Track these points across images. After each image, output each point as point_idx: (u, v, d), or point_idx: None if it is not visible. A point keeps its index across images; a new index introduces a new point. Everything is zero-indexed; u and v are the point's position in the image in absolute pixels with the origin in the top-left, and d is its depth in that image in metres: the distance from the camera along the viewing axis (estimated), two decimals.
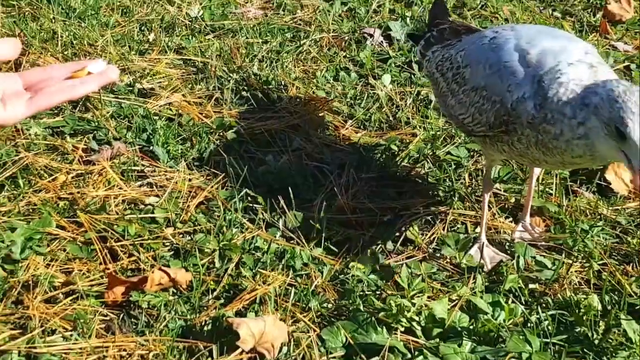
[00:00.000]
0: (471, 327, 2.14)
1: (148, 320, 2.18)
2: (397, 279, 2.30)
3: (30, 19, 3.60)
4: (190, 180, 2.69)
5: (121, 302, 2.22)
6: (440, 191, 2.71)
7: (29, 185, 2.59)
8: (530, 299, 2.27)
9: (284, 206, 2.55)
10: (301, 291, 2.27)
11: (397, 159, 2.85)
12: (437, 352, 2.06)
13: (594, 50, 2.18)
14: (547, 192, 2.71)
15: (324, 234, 2.47)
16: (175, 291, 2.26)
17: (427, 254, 2.46)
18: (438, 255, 2.45)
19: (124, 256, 2.37)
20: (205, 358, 2.06)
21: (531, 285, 2.31)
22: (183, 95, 3.15)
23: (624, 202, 2.69)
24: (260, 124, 3.02)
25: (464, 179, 2.75)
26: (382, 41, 3.65)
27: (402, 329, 2.13)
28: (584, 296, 2.22)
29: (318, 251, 2.42)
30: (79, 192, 2.58)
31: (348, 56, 3.52)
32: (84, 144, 2.82)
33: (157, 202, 2.57)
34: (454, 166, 2.80)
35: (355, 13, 3.89)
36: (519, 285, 2.29)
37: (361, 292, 2.27)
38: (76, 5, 3.73)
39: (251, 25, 3.68)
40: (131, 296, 2.21)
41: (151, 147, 2.83)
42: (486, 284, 2.32)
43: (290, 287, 2.28)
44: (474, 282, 2.31)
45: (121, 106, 3.02)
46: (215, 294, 2.26)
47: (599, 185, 2.75)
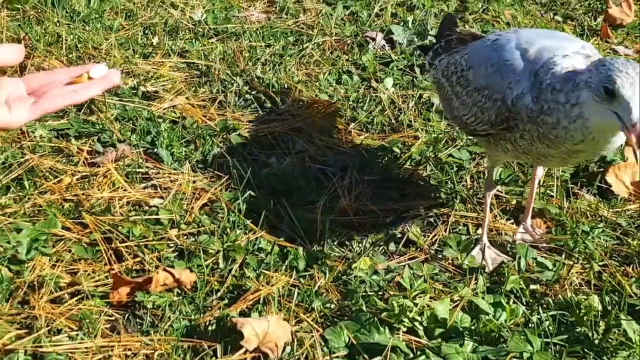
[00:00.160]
0: (473, 327, 2.16)
1: (153, 320, 2.20)
2: (399, 279, 2.32)
3: (35, 22, 3.62)
4: (194, 182, 2.71)
5: (126, 302, 2.24)
6: (442, 193, 2.73)
7: (35, 187, 2.62)
8: (531, 300, 2.29)
9: (287, 208, 2.57)
10: (304, 292, 2.29)
11: (400, 161, 2.87)
12: (439, 351, 2.07)
13: (591, 47, 2.20)
14: (548, 194, 2.73)
15: (326, 236, 2.48)
16: (179, 292, 2.28)
17: (429, 255, 2.48)
18: (440, 256, 2.47)
19: (129, 257, 2.39)
20: (210, 357, 2.08)
21: (532, 286, 2.33)
22: (187, 98, 3.17)
23: (624, 204, 2.70)
24: (263, 126, 3.04)
25: (466, 181, 2.77)
26: (384, 45, 3.66)
27: (405, 329, 2.15)
28: (585, 297, 2.24)
29: (321, 252, 2.44)
30: (84, 194, 2.60)
31: (350, 59, 3.54)
32: (88, 146, 2.84)
33: (161, 204, 2.59)
34: (455, 168, 2.82)
35: (357, 17, 3.91)
36: (520, 286, 2.31)
37: (364, 293, 2.28)
38: (80, 9, 3.75)
39: (254, 29, 3.70)
40: (136, 296, 2.23)
41: (155, 150, 2.85)
42: (487, 284, 2.34)
43: (293, 288, 2.30)
44: (476, 283, 2.33)
45: (125, 109, 3.04)
46: (219, 294, 2.28)
47: (599, 188, 2.77)
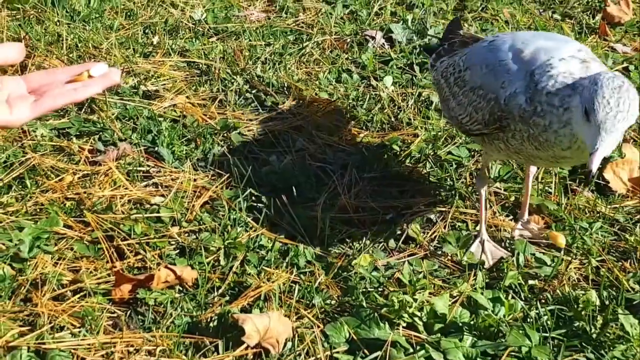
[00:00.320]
0: (472, 322, 2.18)
1: (155, 317, 2.21)
2: (399, 276, 2.34)
3: (35, 22, 3.63)
4: (195, 180, 2.73)
5: (128, 299, 2.25)
6: (442, 190, 2.74)
7: (36, 186, 2.63)
8: (529, 295, 2.30)
9: (288, 205, 2.59)
10: (305, 288, 2.30)
11: (399, 159, 2.89)
12: (438, 346, 2.09)
13: (588, 50, 2.21)
14: (547, 190, 2.75)
15: (327, 233, 2.50)
16: (181, 288, 2.29)
17: (428, 251, 2.49)
18: (439, 252, 2.49)
19: (131, 255, 2.40)
20: (211, 353, 2.10)
21: (531, 282, 2.35)
22: (187, 97, 3.19)
23: (622, 201, 2.72)
24: (263, 125, 3.06)
25: (465, 178, 2.79)
26: (383, 43, 3.68)
27: (404, 325, 2.17)
28: (583, 292, 2.26)
29: (321, 249, 2.46)
30: (85, 192, 2.62)
31: (350, 58, 3.55)
32: (90, 145, 2.86)
33: (162, 202, 2.61)
34: (455, 166, 2.84)
35: (357, 16, 3.92)
36: (519, 282, 2.33)
37: (364, 289, 2.30)
38: (80, 8, 3.76)
39: (254, 28, 3.72)
40: (138, 293, 2.24)
41: (156, 148, 2.86)
42: (486, 280, 2.36)
43: (294, 284, 2.32)
44: (475, 279, 2.35)
45: (126, 108, 3.06)
46: (220, 291, 2.30)
47: (597, 184, 2.78)
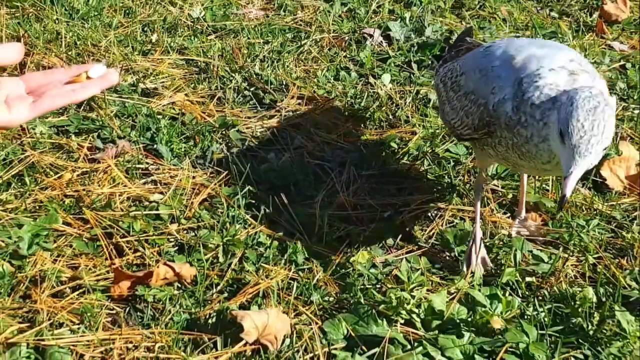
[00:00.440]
0: (469, 319, 2.18)
1: (154, 314, 2.22)
2: (397, 272, 2.35)
3: (34, 19, 3.64)
4: (193, 177, 2.73)
5: (127, 296, 2.26)
6: (439, 187, 2.75)
7: (35, 183, 2.64)
8: (527, 292, 2.31)
9: (286, 203, 2.60)
10: (303, 285, 2.31)
11: (397, 156, 2.89)
12: (436, 343, 2.10)
13: (581, 59, 2.18)
14: (544, 188, 2.76)
15: (325, 230, 2.51)
16: (180, 285, 2.30)
17: (426, 248, 2.50)
18: (437, 249, 2.50)
19: (130, 252, 2.41)
20: (210, 350, 2.10)
21: (528, 279, 2.35)
22: (186, 94, 3.20)
23: (619, 198, 2.73)
24: (262, 122, 3.07)
25: (463, 175, 2.79)
26: (381, 41, 3.69)
27: (402, 321, 2.17)
28: (580, 289, 2.27)
29: (319, 246, 2.47)
30: (84, 190, 2.62)
31: (348, 56, 3.56)
32: (88, 143, 2.86)
33: (161, 199, 2.62)
34: (452, 163, 2.85)
35: (355, 13, 3.93)
36: (516, 279, 2.34)
37: (362, 286, 2.31)
38: (79, 6, 3.77)
39: (252, 26, 3.73)
40: (137, 290, 2.25)
41: (155, 146, 2.87)
42: (484, 277, 2.36)
43: (292, 281, 2.33)
44: (472, 276, 2.36)
45: (125, 105, 3.07)
46: (219, 288, 2.31)
47: (594, 182, 2.79)
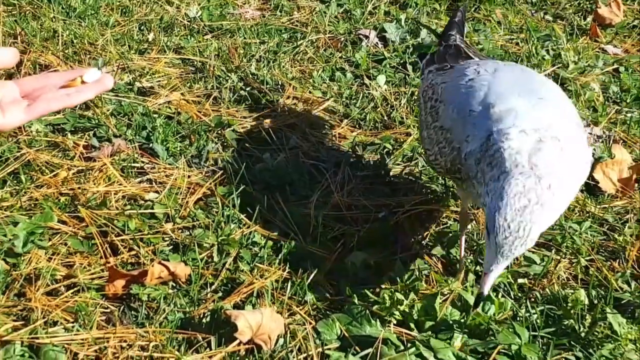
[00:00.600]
0: (462, 320, 2.20)
1: (148, 313, 2.23)
2: (390, 273, 2.36)
3: (31, 18, 3.64)
4: (189, 177, 2.74)
5: (121, 294, 2.27)
6: (433, 189, 2.77)
7: (31, 181, 2.65)
8: (519, 294, 2.33)
9: (281, 202, 2.61)
10: (297, 285, 2.32)
11: (392, 157, 2.91)
12: (429, 344, 2.11)
13: (565, 115, 2.08)
14: None
15: (319, 230, 2.52)
16: (174, 284, 2.31)
17: (419, 249, 2.51)
18: (431, 251, 2.51)
19: (124, 250, 2.42)
20: (204, 349, 2.11)
21: (520, 280, 2.37)
22: (182, 94, 3.20)
23: (611, 201, 2.75)
24: (257, 122, 3.08)
25: None
26: (377, 42, 3.70)
27: (395, 322, 2.19)
28: (572, 291, 2.29)
29: (314, 246, 2.48)
30: (79, 188, 2.63)
31: (344, 57, 3.57)
32: (84, 141, 2.87)
33: (156, 198, 2.63)
34: None
35: (351, 15, 3.94)
36: (509, 280, 2.35)
37: (356, 286, 2.31)
38: (76, 4, 3.77)
39: (249, 26, 3.74)
40: (131, 289, 2.26)
41: (151, 145, 2.87)
42: (477, 279, 2.38)
43: (286, 281, 2.34)
44: (465, 277, 2.37)
45: (121, 104, 3.07)
46: (213, 287, 2.32)
47: (587, 184, 2.80)
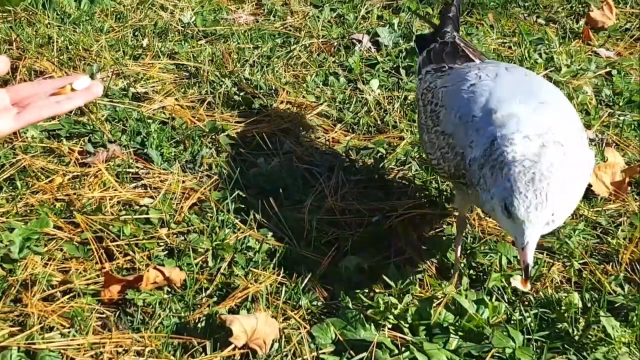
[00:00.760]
0: (456, 324, 2.21)
1: (143, 318, 2.24)
2: (384, 277, 2.37)
3: (26, 24, 3.65)
4: (183, 182, 2.75)
5: (117, 300, 2.28)
6: (427, 192, 2.78)
7: (27, 187, 2.65)
8: (513, 297, 2.34)
9: (275, 207, 2.62)
10: (292, 289, 2.33)
11: (385, 161, 2.92)
12: (423, 348, 2.12)
13: (565, 117, 2.12)
14: None
15: (313, 234, 2.53)
16: (169, 289, 2.32)
17: (413, 253, 2.52)
18: (424, 254, 2.52)
19: (120, 256, 2.43)
20: (199, 354, 2.12)
21: (514, 284, 2.38)
22: (176, 99, 3.21)
23: (604, 204, 2.76)
24: (251, 127, 3.09)
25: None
26: (370, 47, 3.71)
27: (390, 326, 2.20)
28: (565, 294, 2.30)
29: (308, 250, 2.49)
30: (75, 194, 2.64)
31: (337, 61, 3.58)
32: (79, 147, 2.87)
33: (151, 204, 2.63)
34: None
35: (344, 19, 3.95)
36: (502, 284, 2.36)
37: (350, 290, 2.33)
38: (71, 10, 3.78)
39: (242, 31, 3.75)
40: (127, 294, 2.27)
41: (145, 150, 2.88)
42: (470, 282, 2.39)
43: (281, 286, 2.35)
44: (459, 281, 2.38)
45: (116, 110, 3.08)
46: (208, 292, 2.33)
47: None
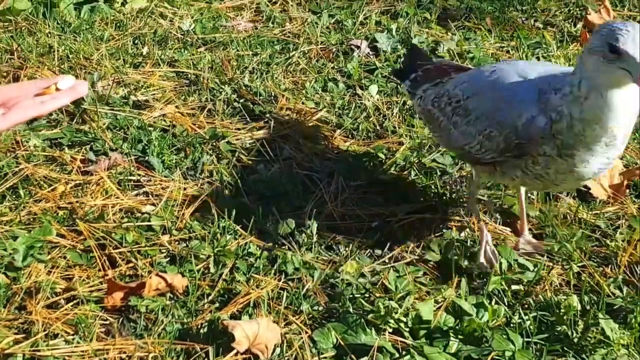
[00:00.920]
0: (456, 327, 2.23)
1: (146, 324, 2.26)
2: (384, 282, 2.39)
3: (27, 33, 3.67)
4: (184, 189, 2.77)
5: (120, 306, 2.30)
6: (426, 197, 2.80)
7: (30, 195, 2.68)
8: (512, 300, 2.36)
9: (276, 213, 2.64)
10: (293, 294, 2.35)
11: (384, 166, 2.94)
12: (423, 351, 2.14)
13: None
14: (529, 197, 2.80)
15: (314, 240, 2.55)
16: (172, 296, 2.34)
17: (413, 258, 2.54)
18: (424, 259, 2.54)
19: (122, 263, 2.45)
20: (202, 359, 2.14)
21: (514, 287, 2.40)
22: (176, 106, 3.23)
23: (603, 207, 2.77)
24: (251, 134, 3.11)
25: (449, 185, 2.84)
26: (368, 52, 3.73)
27: (390, 330, 2.22)
28: (564, 297, 2.30)
29: (309, 256, 2.51)
30: (77, 202, 2.66)
31: (336, 67, 3.60)
32: (81, 155, 2.90)
33: (153, 211, 2.66)
34: (439, 173, 2.89)
35: (342, 25, 3.97)
36: (502, 287, 2.38)
37: (351, 295, 2.35)
38: (71, 19, 3.81)
39: (241, 38, 3.77)
40: (130, 301, 2.29)
41: (146, 158, 2.91)
42: (470, 286, 2.40)
43: (282, 291, 2.37)
44: (459, 285, 2.40)
45: (117, 118, 3.10)
46: (210, 298, 2.35)
47: (579, 191, 2.83)
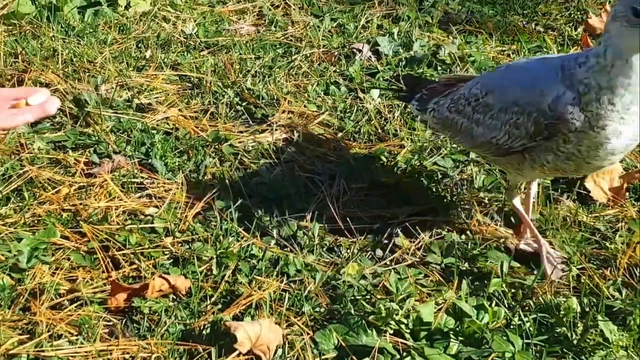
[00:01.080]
0: (457, 329, 2.24)
1: (149, 325, 2.28)
2: (386, 284, 2.40)
3: (31, 37, 3.70)
4: (187, 191, 2.79)
5: (124, 308, 2.32)
6: (427, 200, 2.81)
7: (34, 198, 2.70)
8: (512, 302, 2.37)
9: (278, 215, 2.66)
10: (295, 296, 2.37)
11: (386, 169, 2.95)
12: (423, 352, 2.15)
13: None
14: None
15: (316, 242, 2.57)
16: (175, 297, 2.36)
17: (414, 260, 2.56)
18: (425, 261, 2.55)
19: (126, 264, 2.47)
20: None
21: (513, 289, 2.41)
22: (179, 109, 3.25)
23: (602, 210, 2.78)
24: (254, 136, 3.13)
25: (450, 188, 2.86)
26: (370, 56, 3.75)
27: (391, 332, 2.23)
28: (564, 299, 2.31)
29: (311, 258, 2.53)
30: (81, 204, 2.68)
31: (338, 71, 3.62)
32: (85, 158, 2.92)
33: (156, 213, 2.68)
34: (440, 176, 2.91)
35: (344, 29, 3.99)
36: (502, 289, 2.39)
37: (352, 297, 2.36)
38: (75, 23, 3.83)
39: (244, 42, 3.79)
40: (133, 302, 2.31)
41: (150, 160, 2.93)
42: (471, 288, 2.42)
43: (284, 293, 2.38)
44: (459, 287, 2.42)
45: (120, 121, 3.12)
46: (213, 299, 2.37)
47: (579, 194, 2.85)
